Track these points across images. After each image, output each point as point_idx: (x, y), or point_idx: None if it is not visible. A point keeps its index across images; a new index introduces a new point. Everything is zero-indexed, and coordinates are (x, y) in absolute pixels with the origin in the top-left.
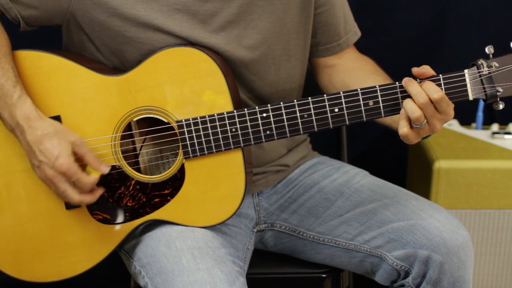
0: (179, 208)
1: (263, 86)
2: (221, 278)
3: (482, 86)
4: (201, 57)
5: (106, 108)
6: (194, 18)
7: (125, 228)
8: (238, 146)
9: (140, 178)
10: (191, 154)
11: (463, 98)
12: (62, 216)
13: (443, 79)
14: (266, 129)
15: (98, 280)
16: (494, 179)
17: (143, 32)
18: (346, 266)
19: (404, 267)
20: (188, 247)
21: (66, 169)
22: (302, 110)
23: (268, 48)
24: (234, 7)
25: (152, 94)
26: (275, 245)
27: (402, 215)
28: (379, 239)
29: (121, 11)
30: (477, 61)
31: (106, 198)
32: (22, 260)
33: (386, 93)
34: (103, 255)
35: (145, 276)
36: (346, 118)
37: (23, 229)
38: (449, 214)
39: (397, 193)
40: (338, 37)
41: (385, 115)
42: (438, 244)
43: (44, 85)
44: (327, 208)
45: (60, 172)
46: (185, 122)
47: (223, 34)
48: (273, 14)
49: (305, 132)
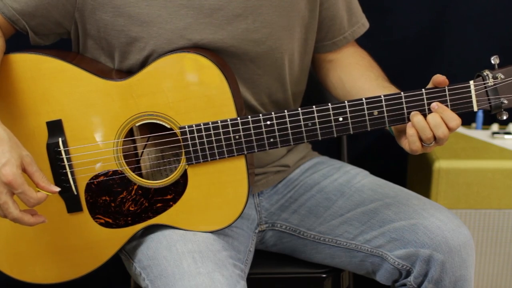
0: (181, 213)
1: (269, 81)
2: (222, 282)
3: (487, 97)
4: (205, 63)
5: (108, 113)
6: (199, 13)
7: (126, 232)
8: (241, 154)
9: (142, 183)
10: (194, 160)
11: (468, 110)
12: (63, 219)
13: (448, 91)
14: (269, 137)
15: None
16: (494, 179)
17: (147, 31)
18: (347, 266)
19: (406, 266)
20: (189, 250)
21: (12, 179)
22: (306, 119)
23: (275, 42)
24: (241, 0)
25: (155, 99)
26: (276, 245)
27: (404, 215)
28: (380, 238)
29: (125, 10)
30: (483, 72)
31: (108, 203)
32: (22, 262)
33: (390, 103)
34: (104, 259)
35: (146, 278)
36: (350, 127)
37: (23, 231)
38: (450, 213)
39: (398, 192)
40: (343, 30)
41: (389, 125)
42: (440, 243)
43: (45, 89)
44: (327, 207)
45: (5, 182)
46: (188, 129)
47: (229, 28)
48: (280, 7)
49: (308, 140)
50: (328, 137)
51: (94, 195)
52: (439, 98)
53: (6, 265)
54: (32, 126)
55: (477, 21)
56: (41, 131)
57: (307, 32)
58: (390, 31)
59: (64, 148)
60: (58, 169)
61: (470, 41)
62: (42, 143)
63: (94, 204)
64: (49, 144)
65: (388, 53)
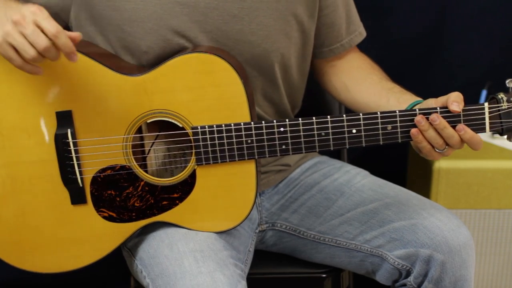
0: (186, 212)
1: (265, 82)
2: (223, 281)
3: (499, 120)
4: (222, 66)
5: (120, 108)
6: (194, 11)
7: (129, 228)
8: (252, 158)
9: (150, 180)
10: (204, 161)
11: (480, 132)
12: (66, 211)
13: (463, 111)
14: (282, 144)
15: (99, 280)
16: (494, 179)
17: (141, 27)
18: (347, 266)
19: (406, 266)
20: (191, 249)
21: (36, 9)
22: (320, 128)
23: (271, 46)
24: (237, 1)
25: (169, 97)
26: (276, 245)
27: (404, 215)
28: (380, 238)
29: (120, 4)
30: (497, 95)
31: (113, 197)
32: (23, 251)
33: (405, 119)
34: (105, 252)
35: (147, 276)
36: (363, 140)
37: (25, 220)
38: (450, 214)
39: (398, 192)
40: (340, 37)
41: (401, 141)
42: (440, 243)
43: (57, 78)
44: (327, 207)
45: (31, 11)
46: (200, 129)
47: (224, 29)
48: (277, 11)
49: (320, 149)
50: (340, 147)
51: (100, 189)
52: (453, 118)
53: (5, 252)
54: (41, 114)
55: (477, 21)
56: (50, 120)
57: (305, 38)
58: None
59: (72, 140)
60: (64, 160)
61: (470, 41)
62: (50, 132)
63: (99, 197)
64: (57, 134)
65: (388, 53)
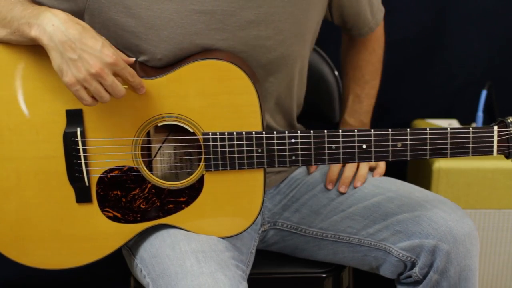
0: (192, 217)
1: (279, 88)
2: (224, 282)
3: (507, 144)
4: (237, 74)
5: (131, 110)
6: (211, 19)
7: (133, 229)
8: (261, 167)
9: (157, 183)
10: (212, 167)
11: (487, 154)
12: (70, 208)
13: (472, 132)
14: (292, 155)
15: (99, 281)
16: (494, 179)
17: (157, 34)
18: (349, 261)
19: (411, 258)
20: (193, 250)
21: (116, 58)
22: (331, 142)
23: (287, 50)
24: (254, 7)
25: (181, 102)
26: (277, 244)
27: (407, 207)
28: (384, 231)
29: (136, 11)
30: (507, 119)
31: (119, 197)
32: (23, 246)
33: (415, 137)
34: (107, 252)
35: (147, 276)
36: (372, 155)
37: (27, 215)
38: (454, 204)
39: (400, 186)
40: (367, 21)
41: (410, 158)
42: (444, 233)
43: None
44: (329, 204)
45: (109, 62)
46: (211, 136)
47: (241, 35)
48: (293, 15)
49: (330, 163)
50: (349, 162)
51: (106, 189)
52: (462, 138)
53: (5, 246)
54: (51, 111)
55: (477, 21)
56: (60, 118)
57: (313, 39)
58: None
59: (81, 139)
60: (72, 158)
61: (470, 41)
62: (59, 130)
63: (105, 197)
64: (66, 132)
65: (388, 53)
